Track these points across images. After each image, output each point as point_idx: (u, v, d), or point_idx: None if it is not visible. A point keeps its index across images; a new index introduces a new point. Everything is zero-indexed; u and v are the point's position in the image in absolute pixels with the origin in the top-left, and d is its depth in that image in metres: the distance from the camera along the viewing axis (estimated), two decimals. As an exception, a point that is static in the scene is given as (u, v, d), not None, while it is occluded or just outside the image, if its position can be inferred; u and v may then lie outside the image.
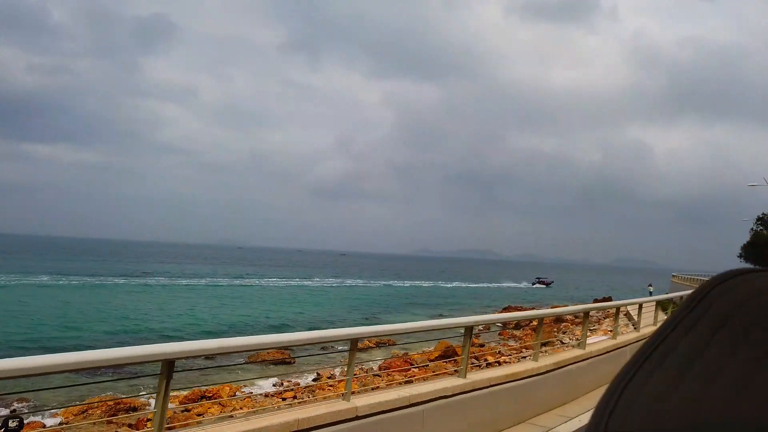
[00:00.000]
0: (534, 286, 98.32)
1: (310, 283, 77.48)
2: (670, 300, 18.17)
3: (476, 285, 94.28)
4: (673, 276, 46.66)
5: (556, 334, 23.25)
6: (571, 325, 28.29)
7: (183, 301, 45.97)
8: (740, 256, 64.65)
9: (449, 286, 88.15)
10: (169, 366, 4.29)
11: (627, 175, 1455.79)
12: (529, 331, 26.33)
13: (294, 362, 19.01)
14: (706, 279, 0.51)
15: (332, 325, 32.56)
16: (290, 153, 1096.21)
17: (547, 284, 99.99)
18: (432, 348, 20.42)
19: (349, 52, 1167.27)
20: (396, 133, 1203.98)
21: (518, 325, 30.80)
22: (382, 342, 21.58)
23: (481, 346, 20.56)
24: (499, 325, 30.92)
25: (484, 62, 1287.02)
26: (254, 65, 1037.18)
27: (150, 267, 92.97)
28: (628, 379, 0.57)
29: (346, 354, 6.08)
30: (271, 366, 20.86)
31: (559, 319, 30.33)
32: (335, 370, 16.50)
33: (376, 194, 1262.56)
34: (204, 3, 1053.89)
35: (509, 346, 20.98)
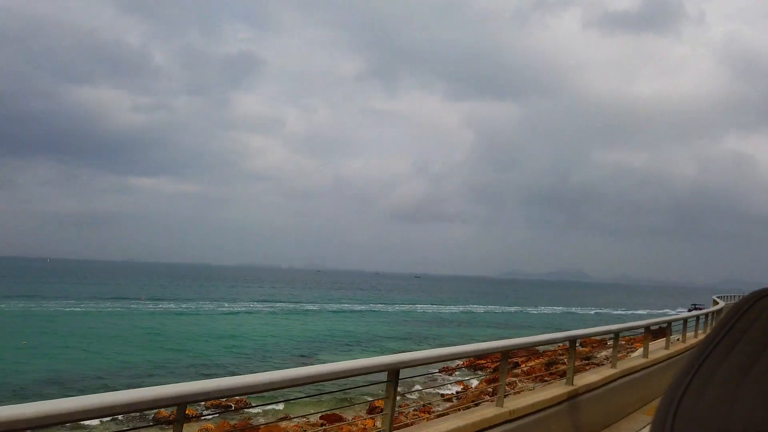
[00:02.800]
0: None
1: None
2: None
3: (656, 311, 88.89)
4: (714, 298, 43.22)
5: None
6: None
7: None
8: None
9: (615, 312, 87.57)
10: (395, 375, 5.14)
11: (728, 189, 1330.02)
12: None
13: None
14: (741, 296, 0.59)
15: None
16: (370, 178, 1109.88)
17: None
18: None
19: (425, 76, 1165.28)
20: (475, 154, 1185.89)
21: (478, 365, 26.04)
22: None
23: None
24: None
25: (564, 77, 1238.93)
26: (335, 95, 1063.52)
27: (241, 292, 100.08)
28: (683, 390, 0.60)
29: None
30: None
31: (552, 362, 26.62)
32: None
33: (456, 216, 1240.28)
34: (287, 39, 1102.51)
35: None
